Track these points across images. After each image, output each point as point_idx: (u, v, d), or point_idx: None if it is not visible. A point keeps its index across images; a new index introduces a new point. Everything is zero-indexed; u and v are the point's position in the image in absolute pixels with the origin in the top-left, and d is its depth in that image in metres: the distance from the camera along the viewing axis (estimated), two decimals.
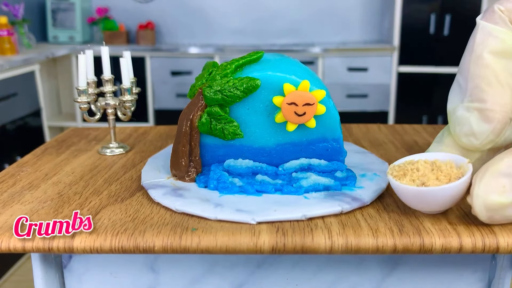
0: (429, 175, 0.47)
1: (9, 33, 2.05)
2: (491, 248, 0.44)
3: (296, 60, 0.59)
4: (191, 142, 0.56)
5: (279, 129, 0.56)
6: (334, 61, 2.46)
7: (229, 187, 0.54)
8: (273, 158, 0.57)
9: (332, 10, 2.76)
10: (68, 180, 0.61)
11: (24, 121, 1.97)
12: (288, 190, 0.53)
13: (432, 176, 0.47)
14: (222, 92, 0.54)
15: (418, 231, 0.45)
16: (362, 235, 0.45)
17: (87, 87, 0.70)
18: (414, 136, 0.78)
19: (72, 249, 0.45)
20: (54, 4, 2.67)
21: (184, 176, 0.57)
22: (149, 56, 2.50)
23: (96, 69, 0.70)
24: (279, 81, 0.53)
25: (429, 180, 0.47)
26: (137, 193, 0.56)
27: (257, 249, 0.45)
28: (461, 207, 0.51)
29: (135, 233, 0.46)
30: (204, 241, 0.45)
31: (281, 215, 0.48)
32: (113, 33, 2.66)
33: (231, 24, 2.81)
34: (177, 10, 2.81)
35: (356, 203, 0.51)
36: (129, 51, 0.73)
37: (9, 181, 0.60)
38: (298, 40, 2.79)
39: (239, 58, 0.55)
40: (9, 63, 1.85)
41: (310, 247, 0.45)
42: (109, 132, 0.73)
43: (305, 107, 0.53)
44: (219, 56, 2.47)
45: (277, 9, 2.77)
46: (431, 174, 0.48)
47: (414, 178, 0.48)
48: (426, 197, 0.46)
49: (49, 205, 0.53)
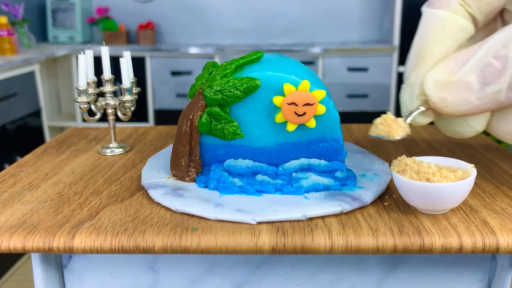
0: (434, 172, 0.48)
1: (9, 33, 2.05)
2: (491, 248, 0.44)
3: (296, 60, 0.59)
4: (191, 142, 0.56)
5: (279, 129, 0.56)
6: (334, 61, 2.46)
7: (229, 187, 0.54)
8: (273, 158, 0.57)
9: (332, 10, 2.76)
10: (68, 180, 0.61)
11: (24, 121, 1.97)
12: (288, 190, 0.53)
13: (437, 174, 0.47)
14: (222, 92, 0.54)
15: (418, 231, 0.45)
16: (362, 235, 0.45)
17: (87, 87, 0.70)
18: (414, 136, 0.78)
19: (72, 249, 0.45)
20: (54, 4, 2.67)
21: (184, 176, 0.57)
22: (149, 56, 2.50)
23: (96, 69, 0.70)
24: (279, 81, 0.53)
25: (434, 176, 0.47)
26: (137, 193, 0.56)
27: (257, 249, 0.45)
28: (461, 207, 0.51)
29: (135, 233, 0.46)
30: (204, 241, 0.45)
31: (281, 215, 0.48)
32: (113, 33, 2.66)
33: (231, 24, 2.81)
34: (177, 10, 2.81)
35: (356, 203, 0.51)
36: (129, 51, 0.73)
37: (9, 181, 0.60)
38: (298, 40, 2.79)
39: (239, 58, 0.55)
40: (9, 63, 1.85)
41: (310, 247, 0.45)
42: (109, 132, 0.73)
43: (305, 107, 0.53)
44: (219, 56, 2.47)
45: (277, 9, 2.77)
46: (436, 171, 0.48)
47: (420, 174, 0.48)
48: (430, 193, 0.46)
49: (49, 205, 0.53)
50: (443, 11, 0.50)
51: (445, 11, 0.51)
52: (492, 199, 0.53)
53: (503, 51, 0.45)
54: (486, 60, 0.46)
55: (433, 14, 0.51)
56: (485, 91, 0.46)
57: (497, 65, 0.45)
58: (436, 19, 0.51)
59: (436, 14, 0.51)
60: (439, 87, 0.48)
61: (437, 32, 0.51)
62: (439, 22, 0.51)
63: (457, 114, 0.49)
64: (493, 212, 0.49)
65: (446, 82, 0.48)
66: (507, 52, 0.45)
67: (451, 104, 0.48)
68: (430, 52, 0.51)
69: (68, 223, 0.48)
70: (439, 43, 0.51)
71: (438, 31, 0.51)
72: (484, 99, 0.47)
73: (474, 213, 0.49)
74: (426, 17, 0.52)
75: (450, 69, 0.48)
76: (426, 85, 0.49)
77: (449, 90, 0.48)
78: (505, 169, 0.63)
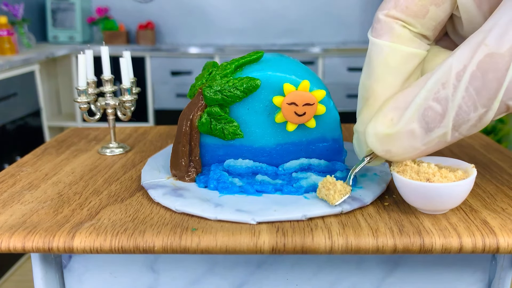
0: (434, 172, 0.48)
1: (9, 33, 2.05)
2: (491, 248, 0.44)
3: (296, 60, 0.59)
4: (191, 142, 0.56)
5: (279, 129, 0.56)
6: (334, 61, 2.46)
7: (229, 187, 0.54)
8: (273, 158, 0.57)
9: (332, 10, 2.76)
10: (68, 180, 0.61)
11: (24, 121, 1.97)
12: (288, 190, 0.53)
13: (437, 174, 0.47)
14: (222, 92, 0.54)
15: (418, 231, 0.45)
16: (362, 235, 0.45)
17: (87, 87, 0.70)
18: None
19: (72, 249, 0.45)
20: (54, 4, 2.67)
21: (184, 176, 0.57)
22: (149, 56, 2.50)
23: (96, 69, 0.70)
24: (279, 81, 0.53)
25: (434, 176, 0.47)
26: (137, 193, 0.56)
27: (257, 249, 0.45)
28: (461, 207, 0.51)
29: (135, 233, 0.46)
30: (204, 241, 0.45)
31: (281, 215, 0.48)
32: (113, 33, 2.66)
33: (231, 24, 2.81)
34: (177, 10, 2.81)
35: (356, 203, 0.51)
36: (129, 51, 0.73)
37: (9, 181, 0.60)
38: (298, 40, 2.79)
39: (239, 58, 0.55)
40: (9, 63, 1.85)
41: (310, 247, 0.45)
42: (109, 132, 0.73)
43: (305, 107, 0.53)
44: (219, 56, 2.47)
45: (277, 9, 2.77)
46: (436, 172, 0.48)
47: (420, 174, 0.48)
48: (430, 193, 0.46)
49: (49, 205, 0.53)
50: (384, 42, 0.46)
51: (387, 42, 0.46)
52: (492, 199, 0.53)
53: (443, 93, 0.42)
54: (426, 104, 0.43)
55: (377, 45, 0.47)
56: (430, 136, 0.44)
57: (437, 108, 0.43)
58: (379, 53, 0.47)
59: (380, 46, 0.47)
60: (382, 141, 0.46)
61: (380, 69, 0.47)
62: (383, 57, 0.47)
63: (405, 159, 0.47)
64: (493, 212, 0.49)
65: (387, 135, 0.45)
66: (446, 93, 0.42)
67: (396, 154, 0.46)
68: (373, 94, 0.48)
69: (68, 223, 0.48)
70: (383, 82, 0.47)
71: (381, 67, 0.47)
72: (430, 143, 0.45)
73: (474, 213, 0.49)
74: (370, 48, 0.48)
75: (389, 118, 0.45)
76: (368, 139, 0.47)
77: (392, 142, 0.45)
78: (505, 169, 0.63)
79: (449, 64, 0.43)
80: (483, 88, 0.42)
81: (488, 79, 0.41)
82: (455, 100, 0.42)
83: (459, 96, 0.42)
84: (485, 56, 0.41)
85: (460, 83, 0.42)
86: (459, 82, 0.42)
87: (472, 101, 0.42)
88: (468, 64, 0.42)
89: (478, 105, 0.42)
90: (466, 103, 0.42)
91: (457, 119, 0.43)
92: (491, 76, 0.41)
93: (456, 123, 0.43)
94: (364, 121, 0.49)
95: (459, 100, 0.42)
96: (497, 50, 0.41)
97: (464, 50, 0.42)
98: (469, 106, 0.42)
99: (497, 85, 0.41)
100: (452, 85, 0.42)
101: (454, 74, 0.42)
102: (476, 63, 0.41)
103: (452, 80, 0.42)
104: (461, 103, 0.42)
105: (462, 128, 0.44)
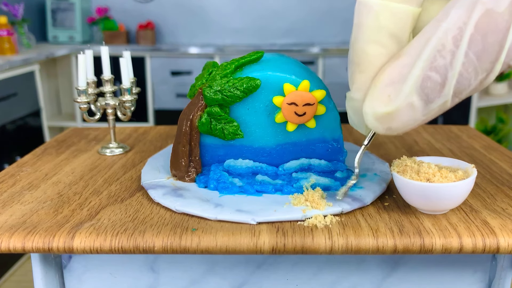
0: (435, 172, 0.48)
1: (9, 33, 2.05)
2: (491, 248, 0.44)
3: (296, 60, 0.59)
4: (191, 142, 0.56)
5: (279, 129, 0.56)
6: (334, 61, 2.46)
7: (229, 187, 0.54)
8: (273, 158, 0.57)
9: (332, 10, 2.75)
10: (68, 180, 0.61)
11: (24, 121, 1.97)
12: (288, 190, 0.53)
13: (437, 174, 0.47)
14: (222, 92, 0.54)
15: (419, 231, 0.45)
16: (362, 235, 0.45)
17: (87, 87, 0.70)
18: (414, 136, 0.78)
19: (72, 249, 0.45)
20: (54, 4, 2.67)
21: (184, 176, 0.57)
22: (149, 56, 2.49)
23: (96, 69, 0.70)
24: (279, 81, 0.53)
25: (434, 177, 0.47)
26: (137, 193, 0.56)
27: (257, 249, 0.45)
28: (461, 207, 0.51)
29: (135, 233, 0.46)
30: (204, 241, 0.45)
31: (281, 215, 0.48)
32: (113, 33, 2.66)
33: (231, 24, 2.81)
34: (177, 10, 2.81)
35: (356, 203, 0.50)
36: (129, 51, 0.72)
37: (9, 181, 0.60)
38: (298, 40, 2.79)
39: (239, 58, 0.55)
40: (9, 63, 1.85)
41: (310, 247, 0.45)
42: (109, 132, 0.73)
43: (305, 107, 0.53)
44: (219, 56, 2.47)
45: (277, 9, 2.77)
46: (436, 172, 0.48)
47: (420, 174, 0.48)
48: (431, 193, 0.46)
49: (49, 205, 0.53)
50: (374, 0, 0.43)
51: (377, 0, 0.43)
52: (492, 199, 0.53)
53: (441, 61, 0.40)
54: (424, 75, 0.41)
55: (365, 5, 0.44)
56: (430, 107, 0.43)
57: (436, 78, 0.41)
58: (368, 12, 0.44)
59: (369, 5, 0.43)
60: (382, 120, 0.44)
61: (371, 29, 0.44)
62: (373, 17, 0.43)
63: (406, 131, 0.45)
64: (493, 212, 0.49)
65: (387, 114, 0.43)
66: (444, 61, 0.40)
67: (397, 129, 0.44)
68: (366, 58, 0.45)
69: (68, 223, 0.48)
70: (375, 43, 0.44)
71: (371, 27, 0.44)
72: (430, 113, 0.43)
73: (474, 213, 0.49)
74: (358, 9, 0.45)
75: (386, 94, 0.43)
76: (367, 119, 0.45)
77: (393, 120, 0.44)
78: (505, 169, 0.63)
79: (444, 28, 0.40)
80: (483, 52, 0.39)
81: (489, 42, 0.39)
82: (455, 68, 0.40)
83: (459, 63, 0.40)
84: (482, 16, 0.39)
85: (458, 49, 0.40)
86: (457, 47, 0.40)
87: (473, 67, 0.40)
88: (465, 26, 0.39)
89: (479, 70, 0.40)
90: (467, 69, 0.40)
91: (458, 86, 0.41)
92: (492, 38, 0.39)
93: (457, 90, 0.41)
94: (361, 87, 0.46)
95: (459, 67, 0.40)
96: (495, 8, 0.38)
97: (458, 11, 0.40)
98: (470, 72, 0.40)
99: (499, 47, 0.39)
100: (449, 52, 0.40)
101: (450, 38, 0.40)
102: (473, 25, 0.39)
103: (449, 46, 0.40)
104: (461, 69, 0.40)
105: (463, 94, 0.42)
